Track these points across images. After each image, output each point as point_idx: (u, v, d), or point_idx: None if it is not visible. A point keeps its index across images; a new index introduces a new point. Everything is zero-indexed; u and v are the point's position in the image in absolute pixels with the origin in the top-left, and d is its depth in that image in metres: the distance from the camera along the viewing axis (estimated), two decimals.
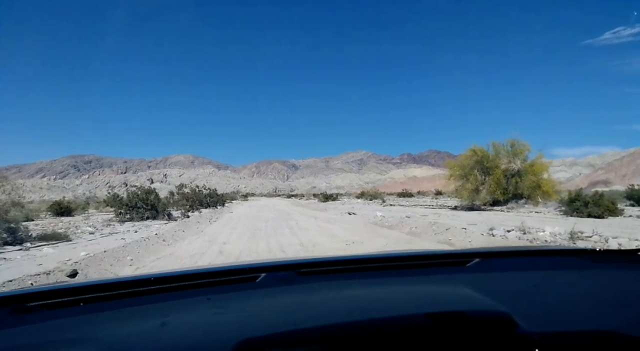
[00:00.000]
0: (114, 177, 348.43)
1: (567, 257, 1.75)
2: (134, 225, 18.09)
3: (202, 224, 17.69)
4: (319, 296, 1.28)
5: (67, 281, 3.84)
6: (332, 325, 0.99)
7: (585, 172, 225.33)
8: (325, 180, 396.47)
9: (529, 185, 26.23)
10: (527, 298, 1.26)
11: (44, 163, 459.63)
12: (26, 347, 0.91)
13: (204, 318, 1.08)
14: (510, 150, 27.82)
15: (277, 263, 1.62)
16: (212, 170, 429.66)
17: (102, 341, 0.92)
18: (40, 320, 1.05)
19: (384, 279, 1.48)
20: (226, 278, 1.40)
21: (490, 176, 27.22)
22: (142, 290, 1.25)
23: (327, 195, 61.78)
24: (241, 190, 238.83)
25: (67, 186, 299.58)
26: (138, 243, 10.30)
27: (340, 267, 1.62)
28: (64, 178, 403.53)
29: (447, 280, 1.43)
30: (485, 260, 1.65)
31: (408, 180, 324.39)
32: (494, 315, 1.03)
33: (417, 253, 1.97)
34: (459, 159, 29.31)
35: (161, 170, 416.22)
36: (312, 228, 15.02)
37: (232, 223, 17.91)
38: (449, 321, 1.00)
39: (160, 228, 16.04)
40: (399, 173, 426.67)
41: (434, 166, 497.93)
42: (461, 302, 1.18)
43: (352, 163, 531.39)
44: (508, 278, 1.47)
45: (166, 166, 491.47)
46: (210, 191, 37.98)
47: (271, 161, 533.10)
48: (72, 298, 1.17)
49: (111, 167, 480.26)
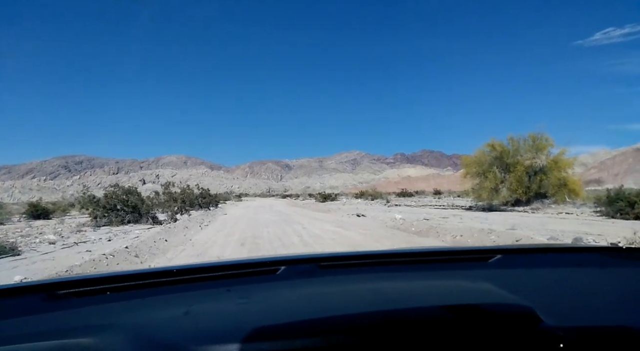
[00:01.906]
0: (106, 178, 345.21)
1: (588, 254, 1.74)
2: (110, 230, 15.34)
3: (191, 230, 14.79)
4: (341, 287, 1.29)
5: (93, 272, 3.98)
6: (356, 314, 0.99)
7: (577, 170, 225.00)
8: (319, 180, 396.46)
9: (554, 182, 23.75)
10: (549, 294, 1.24)
11: (34, 164, 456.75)
12: (58, 332, 0.93)
13: (227, 308, 1.10)
14: (532, 144, 25.28)
15: (296, 257, 1.65)
16: (205, 170, 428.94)
17: (128, 328, 0.94)
18: (70, 307, 1.11)
19: (405, 273, 1.48)
20: (246, 271, 1.42)
21: (511, 173, 24.67)
22: (165, 281, 1.27)
23: (325, 195, 58.51)
24: (234, 191, 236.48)
25: (58, 187, 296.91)
26: (99, 260, 7.56)
27: (361, 261, 1.62)
28: (54, 179, 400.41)
29: (468, 275, 1.43)
30: (507, 256, 1.62)
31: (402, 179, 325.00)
32: (518, 309, 1.02)
33: (437, 249, 2.16)
34: (475, 155, 26.60)
35: (153, 170, 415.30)
36: (325, 235, 12.24)
37: (226, 229, 15.13)
38: (472, 314, 1.00)
39: (141, 235, 13.32)
40: (393, 173, 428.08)
41: (427, 166, 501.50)
42: (484, 296, 1.16)
43: (345, 163, 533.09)
44: (530, 275, 1.46)
45: (158, 166, 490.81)
46: (203, 191, 34.91)
47: (264, 161, 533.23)
48: (99, 287, 1.21)
49: (103, 168, 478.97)
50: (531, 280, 1.40)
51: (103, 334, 0.90)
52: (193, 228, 15.52)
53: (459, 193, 72.17)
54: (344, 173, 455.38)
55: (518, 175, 24.17)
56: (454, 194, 71.43)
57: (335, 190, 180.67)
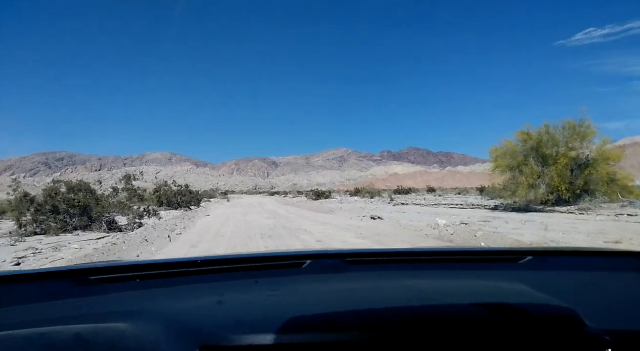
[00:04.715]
0: (88, 175, 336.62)
1: (623, 258, 1.66)
2: (40, 241, 10.83)
3: (154, 244, 10.15)
4: (371, 283, 1.26)
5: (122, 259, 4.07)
6: (392, 308, 0.99)
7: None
8: (307, 177, 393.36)
9: (603, 178, 19.76)
10: (587, 297, 1.20)
11: (12, 161, 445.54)
12: (92, 316, 0.95)
13: (258, 299, 1.10)
14: (573, 132, 21.23)
15: (323, 252, 1.61)
16: (190, 167, 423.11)
17: (159, 314, 0.96)
18: (103, 293, 1.13)
19: (435, 272, 1.44)
20: (272, 264, 1.42)
21: (551, 167, 20.61)
22: (194, 271, 1.29)
23: (319, 193, 54.13)
24: (220, 188, 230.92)
25: (38, 184, 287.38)
26: None
27: (388, 258, 1.59)
28: (34, 176, 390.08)
29: (501, 275, 1.40)
30: (538, 258, 1.58)
31: (389, 177, 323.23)
32: (560, 311, 0.98)
33: (466, 249, 2.18)
34: (506, 146, 22.39)
35: (137, 167, 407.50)
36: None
37: (206, 240, 10.69)
38: (511, 314, 0.97)
39: (78, 252, 8.88)
40: (380, 170, 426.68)
41: (414, 163, 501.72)
42: (520, 297, 1.12)
43: (332, 161, 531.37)
44: (563, 277, 1.40)
45: (143, 163, 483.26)
46: (182, 188, 30.05)
47: (251, 158, 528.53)
48: (129, 274, 1.24)
49: (85, 165, 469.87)
50: (565, 282, 1.34)
51: (136, 319, 0.91)
52: (158, 241, 10.93)
53: (461, 190, 69.05)
54: (331, 170, 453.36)
55: (559, 168, 20.13)
56: (445, 191, 68.15)
57: (322, 187, 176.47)
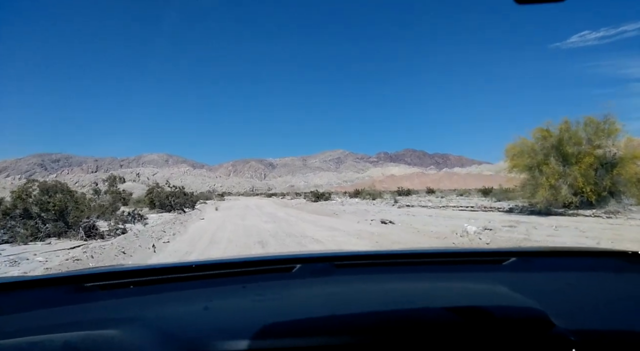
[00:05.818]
0: (84, 177, 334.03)
1: (604, 258, 1.69)
2: (0, 253, 9.15)
3: (133, 256, 8.41)
4: (355, 287, 1.30)
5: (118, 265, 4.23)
6: (368, 313, 1.02)
7: None
8: (303, 178, 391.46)
9: (632, 178, 18.17)
10: (563, 298, 1.23)
11: (8, 163, 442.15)
12: (85, 323, 0.96)
13: (243, 304, 1.13)
14: (597, 129, 19.62)
15: (312, 255, 1.64)
16: (187, 168, 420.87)
17: (151, 321, 0.98)
18: (96, 299, 1.15)
19: (419, 274, 1.47)
20: (262, 268, 1.45)
21: (573, 166, 19.01)
22: (185, 276, 1.33)
23: (318, 194, 52.30)
24: (217, 190, 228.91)
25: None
26: None
27: (376, 261, 1.63)
28: (30, 177, 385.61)
29: (482, 277, 1.42)
30: (522, 259, 1.60)
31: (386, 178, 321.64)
32: (529, 313, 1.01)
33: (453, 250, 2.20)
34: (523, 144, 20.73)
35: (134, 169, 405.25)
36: None
37: (198, 251, 9.09)
38: (482, 317, 0.99)
39: (35, 270, 7.23)
40: (377, 171, 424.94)
41: (410, 165, 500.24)
42: (496, 299, 1.17)
43: (329, 162, 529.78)
44: (544, 278, 1.43)
45: (139, 165, 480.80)
46: (175, 189, 28.27)
47: (248, 160, 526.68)
48: (123, 280, 1.26)
49: (81, 166, 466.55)
50: (545, 283, 1.37)
51: (127, 327, 0.93)
52: (140, 249, 9.21)
53: (462, 191, 67.51)
54: (328, 171, 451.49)
55: (584, 168, 18.53)
56: (444, 193, 66.72)
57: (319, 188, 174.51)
